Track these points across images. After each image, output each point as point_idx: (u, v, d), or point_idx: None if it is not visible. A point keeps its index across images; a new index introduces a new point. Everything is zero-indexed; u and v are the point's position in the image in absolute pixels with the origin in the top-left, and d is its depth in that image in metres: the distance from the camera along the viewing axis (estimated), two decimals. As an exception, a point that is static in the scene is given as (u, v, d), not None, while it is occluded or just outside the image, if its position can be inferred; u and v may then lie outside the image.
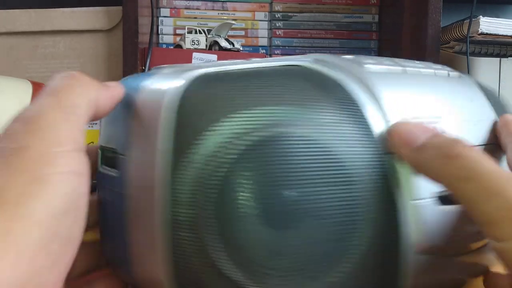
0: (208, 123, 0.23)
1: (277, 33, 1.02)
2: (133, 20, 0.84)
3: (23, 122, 0.21)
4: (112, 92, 0.25)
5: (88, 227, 0.25)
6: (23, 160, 0.20)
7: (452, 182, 0.22)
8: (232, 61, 0.28)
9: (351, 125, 0.24)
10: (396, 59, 0.30)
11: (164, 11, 1.00)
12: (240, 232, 0.23)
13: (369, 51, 1.02)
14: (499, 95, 0.34)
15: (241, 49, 0.90)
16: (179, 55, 0.86)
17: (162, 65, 0.29)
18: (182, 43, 0.88)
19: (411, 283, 0.25)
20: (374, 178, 0.24)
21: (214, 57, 0.85)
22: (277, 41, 1.02)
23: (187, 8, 1.01)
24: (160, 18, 1.00)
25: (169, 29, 1.00)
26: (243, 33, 1.01)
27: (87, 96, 0.24)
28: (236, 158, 0.23)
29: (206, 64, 0.27)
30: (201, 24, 1.00)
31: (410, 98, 0.27)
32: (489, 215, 0.21)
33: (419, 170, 0.24)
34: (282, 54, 1.02)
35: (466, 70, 0.78)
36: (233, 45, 0.87)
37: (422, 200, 0.25)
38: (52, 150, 0.21)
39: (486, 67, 0.79)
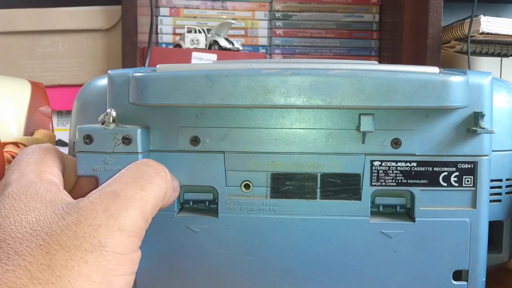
0: None
1: (277, 32, 1.01)
2: (132, 19, 0.84)
3: None
4: None
5: None
6: None
7: None
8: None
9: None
10: None
11: (164, 11, 1.00)
12: None
13: (369, 50, 1.02)
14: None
15: (241, 48, 0.89)
16: (178, 54, 0.86)
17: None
18: (181, 42, 0.88)
19: None
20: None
21: (213, 56, 0.84)
22: (277, 41, 1.01)
23: (186, 7, 1.01)
24: (159, 18, 0.99)
25: (169, 29, 1.00)
26: (243, 32, 1.01)
27: None
28: None
29: None
30: (201, 23, 1.00)
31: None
32: None
33: None
34: (282, 54, 1.02)
35: (467, 69, 0.78)
36: (233, 45, 0.86)
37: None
38: None
39: (487, 67, 0.79)
